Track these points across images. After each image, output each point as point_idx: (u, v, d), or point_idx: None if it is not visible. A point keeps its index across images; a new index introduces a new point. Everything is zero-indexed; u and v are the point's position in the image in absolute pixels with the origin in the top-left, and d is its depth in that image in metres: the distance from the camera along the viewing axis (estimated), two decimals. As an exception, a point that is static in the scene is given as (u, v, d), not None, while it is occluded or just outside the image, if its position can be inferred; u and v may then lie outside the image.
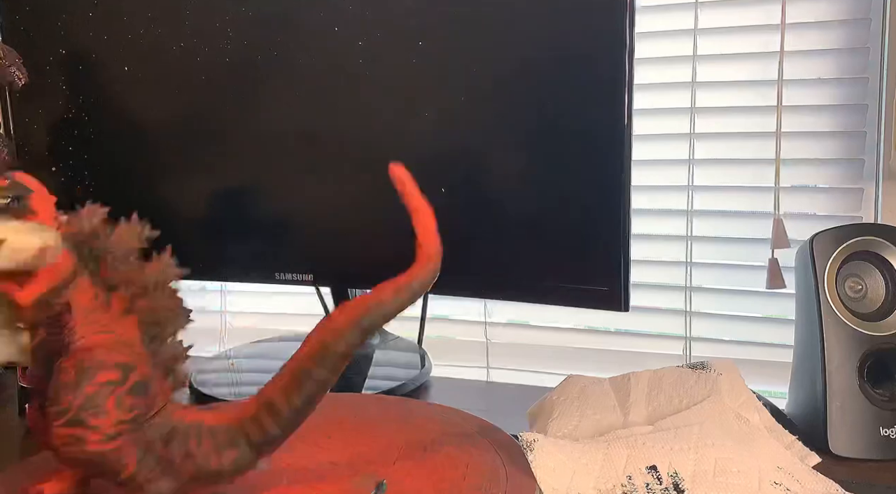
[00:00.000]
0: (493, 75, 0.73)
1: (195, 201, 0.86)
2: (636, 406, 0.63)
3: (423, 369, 0.86)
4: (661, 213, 0.98)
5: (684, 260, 0.97)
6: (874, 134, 0.88)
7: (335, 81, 0.78)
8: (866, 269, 0.67)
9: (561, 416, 0.63)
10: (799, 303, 0.70)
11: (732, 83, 0.94)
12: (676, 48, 0.95)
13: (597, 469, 0.54)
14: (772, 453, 0.57)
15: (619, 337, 1.02)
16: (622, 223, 0.69)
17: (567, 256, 0.72)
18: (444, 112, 0.75)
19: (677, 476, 0.53)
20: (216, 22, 0.81)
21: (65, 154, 0.89)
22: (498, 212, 0.74)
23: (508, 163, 0.73)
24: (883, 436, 0.63)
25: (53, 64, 0.88)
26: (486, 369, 1.04)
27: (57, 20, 0.87)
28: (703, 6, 0.93)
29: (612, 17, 0.67)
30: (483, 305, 1.04)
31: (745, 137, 0.93)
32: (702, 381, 0.63)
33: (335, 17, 0.77)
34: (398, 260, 0.80)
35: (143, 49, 0.84)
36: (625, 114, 0.67)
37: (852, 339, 0.65)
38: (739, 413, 0.60)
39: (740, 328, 0.96)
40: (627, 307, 0.70)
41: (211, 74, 0.83)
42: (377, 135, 0.78)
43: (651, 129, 0.96)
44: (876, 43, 0.87)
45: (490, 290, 0.81)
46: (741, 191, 0.95)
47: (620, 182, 0.68)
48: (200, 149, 0.85)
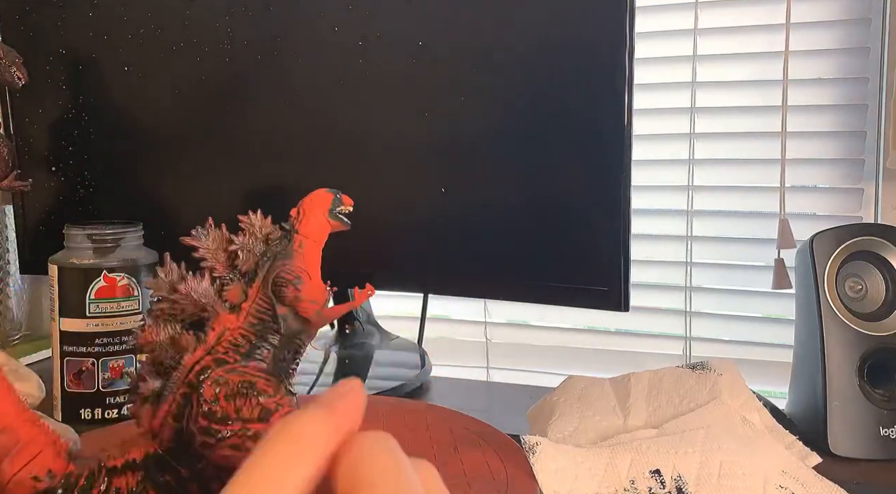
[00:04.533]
0: (492, 75, 0.73)
1: (195, 201, 0.86)
2: (636, 406, 0.63)
3: (423, 369, 0.86)
4: (661, 213, 0.98)
5: (684, 261, 0.97)
6: (874, 134, 0.88)
7: (335, 81, 0.78)
8: (866, 269, 0.67)
9: (561, 417, 0.63)
10: (799, 303, 0.70)
11: (732, 83, 0.94)
12: (676, 48, 0.95)
13: (600, 473, 0.54)
14: (777, 456, 0.57)
15: (619, 337, 1.02)
16: (622, 223, 0.69)
17: (567, 256, 0.72)
18: (443, 112, 0.75)
19: (681, 480, 0.53)
20: (216, 22, 0.81)
21: (65, 154, 0.89)
22: (498, 212, 0.74)
23: (508, 162, 0.73)
24: (883, 436, 0.63)
25: (53, 64, 0.88)
26: (486, 369, 1.04)
27: (57, 20, 0.87)
28: (703, 6, 0.93)
29: (612, 17, 0.67)
30: (483, 305, 1.04)
31: (745, 137, 0.93)
32: (702, 382, 0.63)
33: (335, 17, 0.77)
34: (398, 260, 0.81)
35: (143, 49, 0.84)
36: (625, 114, 0.67)
37: (852, 339, 0.65)
38: (745, 417, 0.60)
39: (740, 328, 0.96)
40: (627, 307, 0.70)
41: (211, 74, 0.83)
42: (377, 135, 0.78)
43: (651, 129, 0.96)
44: (876, 43, 0.87)
45: (490, 290, 0.81)
46: (741, 191, 0.95)
47: (620, 182, 0.68)
48: (200, 148, 0.85)
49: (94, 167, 0.89)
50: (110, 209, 0.87)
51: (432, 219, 0.77)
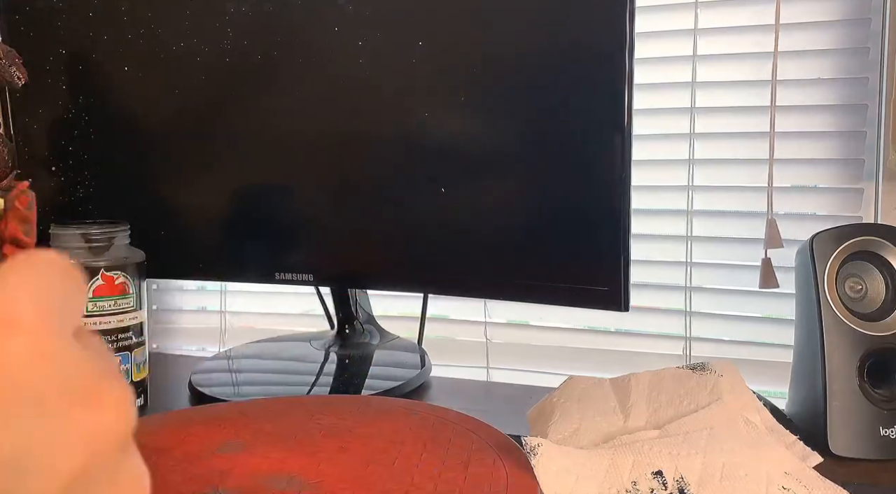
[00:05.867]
0: (492, 75, 0.73)
1: (195, 201, 0.86)
2: (637, 407, 0.63)
3: (422, 369, 0.86)
4: (661, 213, 0.98)
5: (684, 261, 0.97)
6: (874, 134, 0.88)
7: (335, 81, 0.78)
8: (866, 269, 0.67)
9: (561, 419, 0.63)
10: (799, 303, 0.70)
11: (733, 83, 0.94)
12: (676, 48, 0.95)
13: (601, 474, 0.54)
14: (779, 457, 0.57)
15: (619, 337, 1.02)
16: (622, 223, 0.69)
17: (567, 256, 0.72)
18: (443, 112, 0.75)
19: (683, 481, 0.53)
20: (216, 22, 0.81)
21: (65, 154, 0.89)
22: (498, 212, 0.74)
23: (508, 162, 0.73)
24: (883, 436, 0.63)
25: (53, 64, 0.88)
26: (486, 369, 1.04)
27: (57, 20, 0.87)
28: (703, 6, 0.93)
29: (613, 17, 0.67)
30: (483, 305, 1.04)
31: (746, 137, 0.93)
32: (702, 382, 0.63)
33: (335, 17, 0.77)
34: (398, 260, 0.81)
35: (143, 49, 0.84)
36: (625, 114, 0.67)
37: (852, 339, 0.65)
38: (747, 418, 0.60)
39: (740, 328, 0.96)
40: (627, 307, 0.70)
41: (211, 74, 0.83)
42: (377, 135, 0.78)
43: (651, 129, 0.96)
44: (876, 43, 0.87)
45: (490, 290, 0.81)
46: (741, 191, 0.95)
47: (620, 182, 0.68)
48: (200, 148, 0.85)
49: (94, 167, 0.89)
50: (111, 209, 0.87)
51: (432, 219, 0.77)
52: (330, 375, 0.85)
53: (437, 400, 0.79)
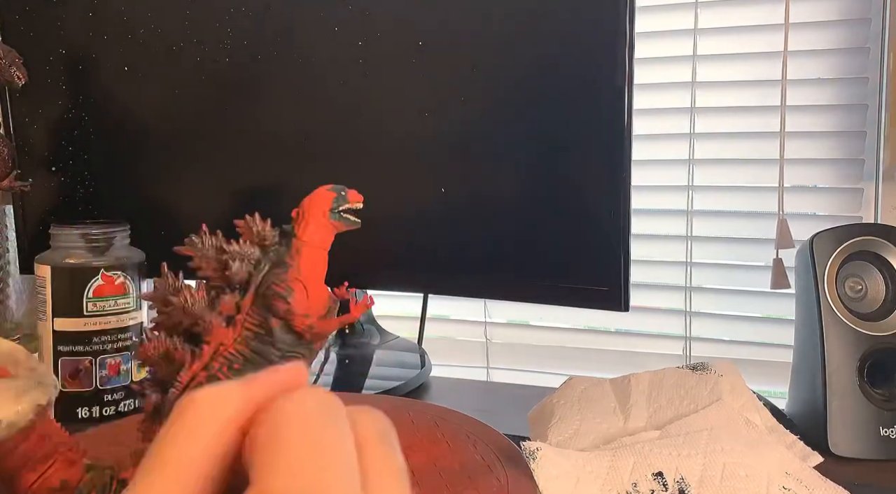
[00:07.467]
0: (492, 75, 0.73)
1: (195, 201, 0.86)
2: (637, 407, 0.62)
3: (422, 369, 0.86)
4: (661, 213, 0.98)
5: (684, 261, 0.97)
6: (874, 134, 0.88)
7: (335, 81, 0.78)
8: (866, 269, 0.67)
9: (561, 420, 0.62)
10: (799, 303, 0.70)
11: (732, 83, 0.94)
12: (676, 48, 0.95)
13: (602, 476, 0.54)
14: (780, 457, 0.57)
15: (619, 337, 1.02)
16: (622, 223, 0.69)
17: (567, 256, 0.72)
18: (443, 112, 0.75)
19: (683, 482, 0.53)
20: (216, 22, 0.81)
21: (65, 154, 0.89)
22: (498, 212, 0.74)
23: (508, 162, 0.73)
24: (883, 436, 0.63)
25: (53, 64, 0.88)
26: (486, 369, 1.04)
27: (57, 20, 0.87)
28: (703, 6, 0.93)
29: (613, 17, 0.67)
30: (483, 305, 1.04)
31: (745, 137, 0.93)
32: (703, 383, 0.63)
33: (335, 17, 0.77)
34: (398, 260, 0.81)
35: (143, 49, 0.84)
36: (625, 114, 0.67)
37: (852, 339, 0.65)
38: (748, 418, 0.60)
39: (740, 328, 0.96)
40: (627, 307, 0.70)
41: (211, 74, 0.83)
42: (376, 135, 0.78)
43: (651, 129, 0.96)
44: (876, 43, 0.87)
45: (490, 290, 0.81)
46: (741, 191, 0.95)
47: (620, 182, 0.68)
48: (200, 148, 0.85)
49: (94, 167, 0.89)
50: (111, 209, 0.87)
51: (432, 218, 0.77)
52: (330, 375, 0.85)
53: (437, 400, 0.79)
